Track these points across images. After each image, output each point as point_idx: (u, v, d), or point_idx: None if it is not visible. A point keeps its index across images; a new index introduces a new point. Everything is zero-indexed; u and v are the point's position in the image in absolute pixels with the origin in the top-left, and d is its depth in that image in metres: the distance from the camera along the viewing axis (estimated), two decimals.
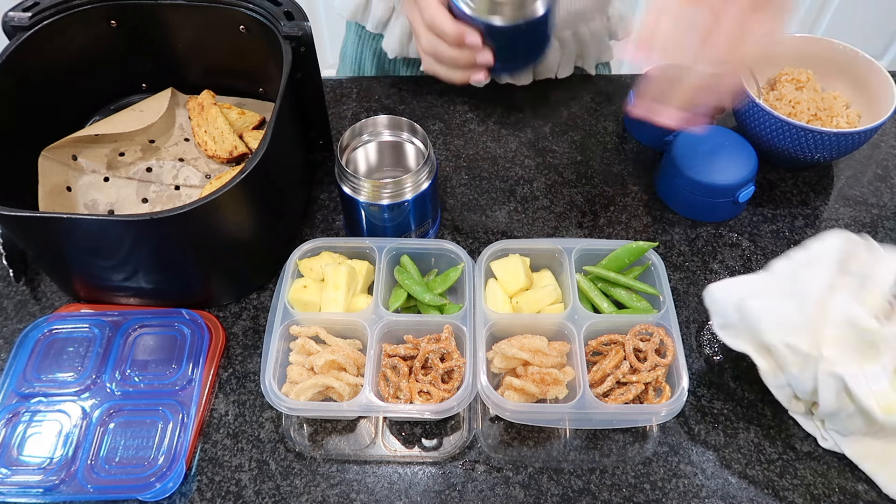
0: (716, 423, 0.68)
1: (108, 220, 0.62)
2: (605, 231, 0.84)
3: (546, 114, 0.98)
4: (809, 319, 0.62)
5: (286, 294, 0.70)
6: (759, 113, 0.81)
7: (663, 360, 0.65)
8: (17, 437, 0.65)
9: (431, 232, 0.81)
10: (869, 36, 2.15)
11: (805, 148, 0.81)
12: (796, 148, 0.81)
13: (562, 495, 0.64)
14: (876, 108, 0.84)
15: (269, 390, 0.63)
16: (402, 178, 0.70)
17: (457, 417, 0.68)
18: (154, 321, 0.73)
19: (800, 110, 0.85)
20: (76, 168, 0.82)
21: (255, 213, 0.71)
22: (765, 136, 0.83)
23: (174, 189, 0.83)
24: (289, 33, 0.75)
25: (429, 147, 0.74)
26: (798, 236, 0.83)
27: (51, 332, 0.72)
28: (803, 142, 0.80)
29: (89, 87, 0.87)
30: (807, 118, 0.85)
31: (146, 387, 0.68)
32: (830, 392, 0.61)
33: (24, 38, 0.75)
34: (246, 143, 0.85)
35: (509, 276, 0.71)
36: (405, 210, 0.73)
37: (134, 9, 0.81)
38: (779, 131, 0.81)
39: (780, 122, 0.80)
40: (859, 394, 0.59)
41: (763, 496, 0.64)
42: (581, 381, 0.64)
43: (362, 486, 0.64)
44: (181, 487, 0.63)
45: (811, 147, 0.80)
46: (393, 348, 0.67)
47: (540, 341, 0.66)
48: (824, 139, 0.79)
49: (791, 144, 0.81)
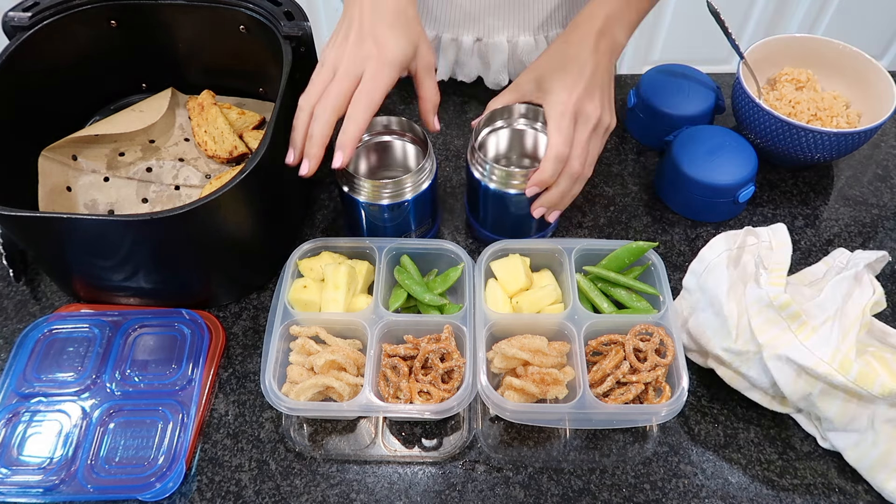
0: (716, 423, 0.68)
1: (108, 220, 0.62)
2: (605, 231, 0.84)
3: None
4: (729, 319, 0.64)
5: (286, 294, 0.70)
6: (759, 113, 0.81)
7: (663, 361, 0.65)
8: (17, 437, 0.65)
9: (432, 232, 0.81)
10: (869, 36, 2.15)
11: (805, 148, 0.81)
12: (796, 148, 0.81)
13: (562, 495, 0.64)
14: (876, 108, 0.84)
15: (269, 390, 0.63)
16: (402, 178, 0.70)
17: (457, 417, 0.68)
18: (154, 321, 0.73)
19: (800, 110, 0.85)
20: (76, 168, 0.82)
21: (255, 213, 0.71)
22: (765, 136, 0.83)
23: (174, 189, 0.83)
24: (289, 33, 0.75)
25: (429, 147, 0.74)
26: (798, 236, 0.83)
27: (51, 332, 0.72)
28: (803, 142, 0.80)
29: (89, 87, 0.87)
30: (807, 118, 0.85)
31: (146, 387, 0.68)
32: (787, 376, 0.62)
33: (24, 38, 0.75)
34: (246, 143, 0.85)
35: (509, 276, 0.71)
36: (405, 210, 0.73)
37: (134, 9, 0.81)
38: (779, 131, 0.81)
39: (779, 122, 0.80)
40: (811, 364, 0.60)
41: (763, 496, 0.64)
42: (581, 381, 0.63)
43: (362, 486, 0.64)
44: (181, 487, 0.63)
45: (811, 147, 0.80)
46: (393, 348, 0.67)
47: (540, 341, 0.66)
48: (824, 139, 0.79)
49: (791, 144, 0.81)
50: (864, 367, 0.59)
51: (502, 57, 0.95)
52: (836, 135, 0.78)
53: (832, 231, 0.84)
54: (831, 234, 0.84)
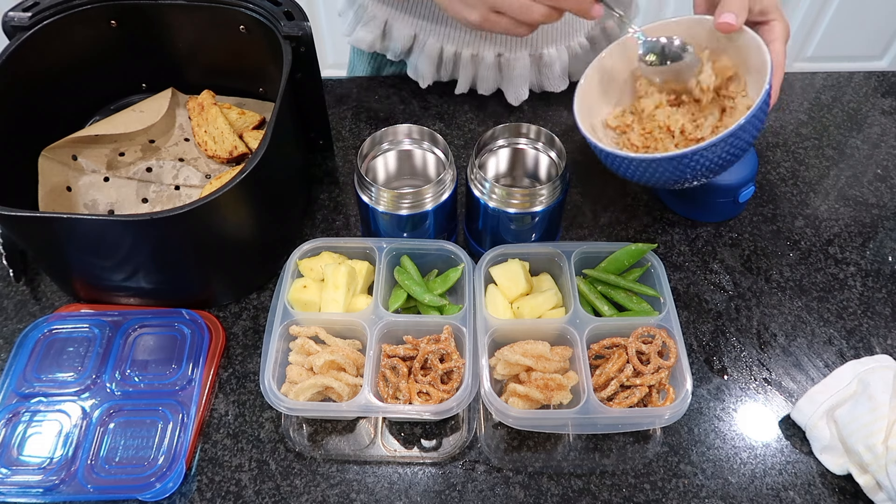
0: (716, 424, 0.68)
1: (108, 220, 0.62)
2: (605, 231, 0.84)
3: (546, 114, 0.98)
4: (883, 418, 0.61)
5: (286, 294, 0.70)
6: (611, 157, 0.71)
7: (666, 363, 0.65)
8: (17, 437, 0.65)
9: (451, 240, 0.79)
10: (869, 36, 2.15)
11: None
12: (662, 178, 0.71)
13: (562, 495, 0.64)
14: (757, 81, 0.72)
15: (269, 390, 0.63)
16: (422, 188, 0.70)
17: (456, 418, 0.68)
18: (154, 321, 0.73)
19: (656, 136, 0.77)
20: (76, 168, 0.82)
21: (255, 213, 0.71)
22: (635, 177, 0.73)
23: (174, 189, 0.83)
24: (289, 33, 0.75)
25: (450, 157, 0.73)
26: (798, 236, 0.83)
27: (51, 332, 0.72)
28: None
29: (89, 87, 0.87)
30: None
31: (146, 387, 0.68)
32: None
33: (24, 38, 0.75)
34: (246, 143, 0.85)
35: (509, 282, 0.71)
36: (424, 220, 0.72)
37: (134, 9, 0.81)
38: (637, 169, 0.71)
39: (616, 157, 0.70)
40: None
41: (763, 496, 0.64)
42: (585, 385, 0.63)
43: (362, 486, 0.64)
44: (181, 487, 0.63)
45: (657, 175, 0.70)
46: (392, 349, 0.67)
47: (542, 346, 0.66)
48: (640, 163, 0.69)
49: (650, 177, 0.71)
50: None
51: (524, 71, 0.93)
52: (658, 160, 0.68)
53: (832, 231, 0.84)
54: (831, 234, 0.84)
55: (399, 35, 0.93)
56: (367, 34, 0.95)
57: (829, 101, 1.00)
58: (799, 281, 0.79)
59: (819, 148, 0.94)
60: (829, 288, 0.79)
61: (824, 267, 0.81)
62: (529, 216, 0.72)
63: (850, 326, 0.75)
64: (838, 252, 0.82)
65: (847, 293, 0.78)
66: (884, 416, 0.61)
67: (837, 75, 1.04)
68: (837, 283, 0.79)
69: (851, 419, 0.63)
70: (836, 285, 0.79)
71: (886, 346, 0.74)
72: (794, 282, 0.79)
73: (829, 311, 0.77)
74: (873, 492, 0.62)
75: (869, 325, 0.75)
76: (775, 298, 0.78)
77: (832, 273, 0.80)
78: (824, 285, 0.79)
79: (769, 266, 0.81)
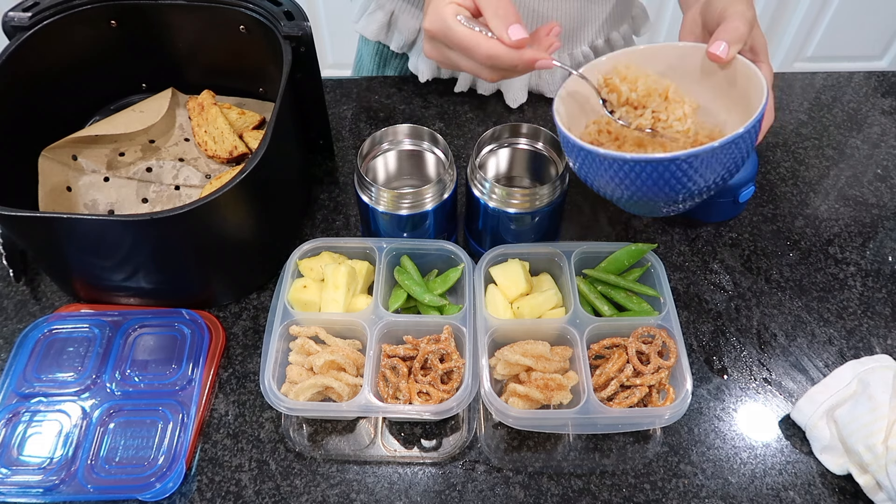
0: (716, 423, 0.68)
1: (108, 220, 0.62)
2: (605, 230, 0.84)
3: (547, 114, 0.98)
4: (883, 418, 0.61)
5: (286, 294, 0.70)
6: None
7: (666, 363, 0.65)
8: (17, 437, 0.65)
9: (451, 240, 0.80)
10: (869, 36, 2.15)
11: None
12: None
13: (562, 495, 0.64)
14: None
15: (269, 390, 0.63)
16: (422, 188, 0.70)
17: (456, 418, 0.68)
18: (154, 321, 0.73)
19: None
20: (76, 168, 0.82)
21: (255, 213, 0.71)
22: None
23: (174, 189, 0.83)
24: (289, 33, 0.75)
25: (450, 157, 0.73)
26: (798, 236, 0.83)
27: (51, 332, 0.72)
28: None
29: (89, 87, 0.87)
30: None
31: (146, 387, 0.68)
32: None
33: (24, 38, 0.75)
34: (246, 143, 0.85)
35: (509, 282, 0.71)
36: (424, 221, 0.72)
37: (134, 9, 0.81)
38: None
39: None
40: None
41: (763, 496, 0.64)
42: (585, 385, 0.63)
43: (362, 486, 0.64)
44: (181, 487, 0.63)
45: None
46: (392, 349, 0.67)
47: (542, 347, 0.66)
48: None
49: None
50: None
51: (524, 77, 0.93)
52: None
53: (832, 231, 0.84)
54: (831, 234, 0.84)
55: (404, 27, 0.94)
56: (373, 23, 0.95)
57: (829, 101, 1.00)
58: (799, 281, 0.79)
59: (819, 148, 0.94)
60: (829, 288, 0.79)
61: (824, 267, 0.81)
62: (529, 216, 0.72)
63: (850, 326, 0.75)
64: (838, 252, 0.82)
65: (847, 293, 0.78)
66: (884, 416, 0.61)
67: (837, 75, 1.04)
68: (837, 283, 0.79)
69: (851, 419, 0.63)
70: (836, 285, 0.79)
71: (886, 346, 0.74)
72: (794, 282, 0.79)
73: (829, 311, 0.77)
74: (873, 492, 0.62)
75: (869, 325, 0.75)
76: (775, 298, 0.78)
77: (832, 273, 0.80)
78: (824, 285, 0.79)
79: (769, 266, 0.81)
